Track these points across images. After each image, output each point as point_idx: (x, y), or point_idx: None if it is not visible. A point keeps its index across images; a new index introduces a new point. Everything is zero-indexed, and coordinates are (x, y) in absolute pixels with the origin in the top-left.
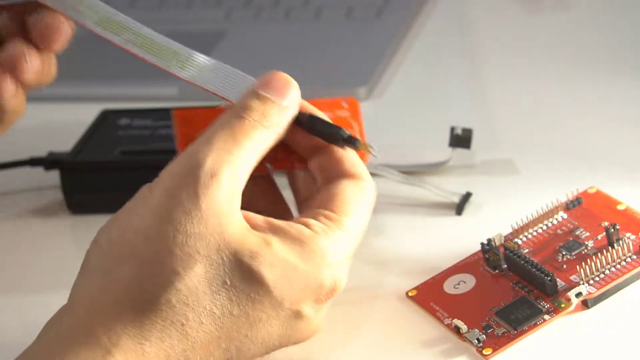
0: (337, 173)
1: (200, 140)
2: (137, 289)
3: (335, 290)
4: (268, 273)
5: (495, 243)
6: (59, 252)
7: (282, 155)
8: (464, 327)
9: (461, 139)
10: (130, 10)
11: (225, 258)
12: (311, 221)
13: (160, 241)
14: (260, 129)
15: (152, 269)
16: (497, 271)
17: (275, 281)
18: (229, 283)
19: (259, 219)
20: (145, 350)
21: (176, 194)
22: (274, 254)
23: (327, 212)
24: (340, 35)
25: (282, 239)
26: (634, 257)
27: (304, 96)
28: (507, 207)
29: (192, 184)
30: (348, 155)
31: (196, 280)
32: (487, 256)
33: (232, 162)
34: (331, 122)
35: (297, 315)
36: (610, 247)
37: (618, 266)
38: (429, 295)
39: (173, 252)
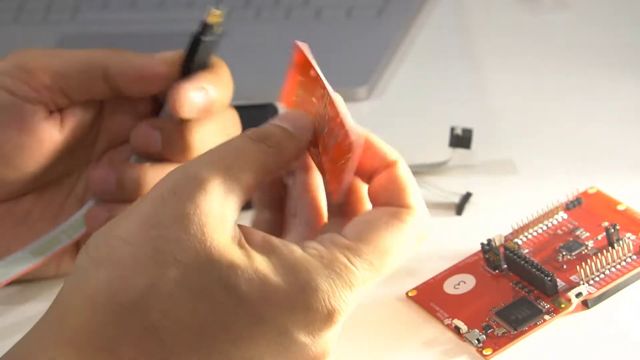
0: (377, 201)
1: (202, 153)
2: (110, 292)
3: (332, 320)
4: (245, 287)
5: (495, 243)
6: None
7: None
8: (464, 328)
9: (461, 139)
10: (131, 10)
11: (203, 267)
12: (311, 243)
13: (138, 245)
14: (260, 145)
15: (127, 273)
16: (497, 271)
17: (252, 296)
18: (207, 293)
19: (257, 234)
20: (119, 354)
21: (163, 201)
22: (254, 269)
23: (335, 236)
24: (340, 35)
25: (270, 257)
26: (634, 257)
27: None
28: (507, 207)
29: (181, 191)
30: (392, 183)
31: (171, 286)
32: (487, 256)
33: (225, 173)
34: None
35: (289, 338)
36: (610, 247)
37: (618, 266)
38: (429, 295)
39: (149, 257)
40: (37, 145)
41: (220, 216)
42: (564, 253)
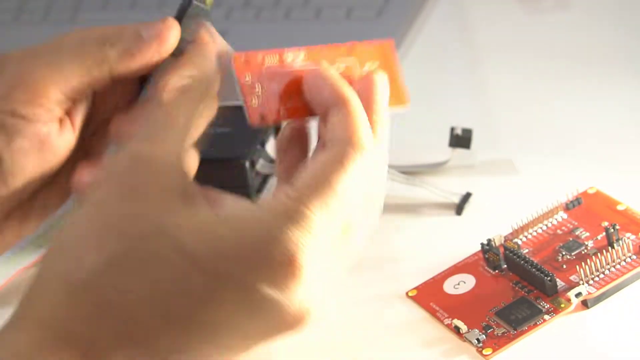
0: (326, 139)
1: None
2: (61, 274)
3: (295, 269)
4: (195, 245)
5: (495, 243)
6: None
7: (297, 103)
8: (464, 327)
9: (461, 139)
10: (131, 10)
11: (149, 233)
12: (263, 199)
13: (83, 225)
14: (181, 97)
15: (76, 253)
16: (497, 271)
17: (203, 253)
18: (157, 260)
19: (205, 191)
20: (75, 335)
21: (98, 183)
22: (202, 224)
23: (285, 187)
24: (340, 35)
25: (220, 212)
26: (634, 257)
27: None
28: (507, 207)
29: (125, 171)
30: (341, 121)
31: (121, 260)
32: (487, 256)
33: (160, 142)
34: None
35: (254, 294)
36: (610, 247)
37: (618, 266)
38: (429, 295)
39: (95, 235)
40: (57, 160)
41: (167, 178)
42: (563, 253)
